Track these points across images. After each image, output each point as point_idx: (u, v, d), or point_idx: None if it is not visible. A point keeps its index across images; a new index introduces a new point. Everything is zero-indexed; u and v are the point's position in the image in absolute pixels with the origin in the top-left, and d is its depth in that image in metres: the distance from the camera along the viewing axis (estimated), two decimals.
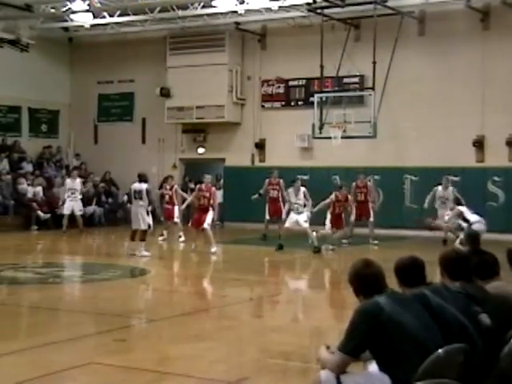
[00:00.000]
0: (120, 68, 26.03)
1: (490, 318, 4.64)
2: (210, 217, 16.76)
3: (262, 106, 24.21)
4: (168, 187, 19.47)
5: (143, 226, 15.81)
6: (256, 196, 19.30)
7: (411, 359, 4.05)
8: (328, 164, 22.29)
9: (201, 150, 25.37)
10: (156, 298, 11.75)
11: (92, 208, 23.86)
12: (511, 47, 20.20)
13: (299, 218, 16.99)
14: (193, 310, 10.34)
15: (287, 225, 17.23)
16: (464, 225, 16.14)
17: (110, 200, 25.08)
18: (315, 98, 21.09)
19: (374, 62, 20.08)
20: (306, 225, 16.97)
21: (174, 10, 22.75)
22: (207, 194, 16.94)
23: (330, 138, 20.49)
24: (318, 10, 20.97)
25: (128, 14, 23.31)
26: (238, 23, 23.44)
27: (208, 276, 14.48)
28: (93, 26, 24.30)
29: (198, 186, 17.72)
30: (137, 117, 26.35)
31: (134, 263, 14.93)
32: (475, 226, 15.93)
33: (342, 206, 17.56)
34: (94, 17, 23.46)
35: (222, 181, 24.52)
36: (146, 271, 14.01)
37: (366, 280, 4.38)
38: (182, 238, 18.99)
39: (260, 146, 24.24)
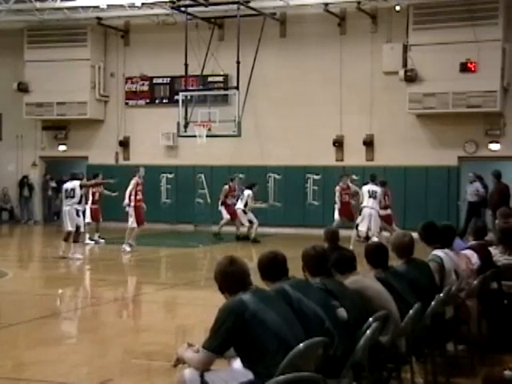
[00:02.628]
0: None
1: (347, 311, 4.81)
2: None
3: (126, 104, 23.85)
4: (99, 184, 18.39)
5: (70, 227, 15.26)
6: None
7: (274, 355, 4.12)
8: (193, 162, 22.30)
9: (62, 148, 24.64)
10: (12, 302, 11.15)
11: None
12: (365, 51, 21.03)
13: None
14: (53, 313, 10.02)
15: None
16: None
17: None
18: (180, 96, 21.05)
19: (238, 62, 20.30)
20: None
21: (31, 1, 21.88)
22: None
23: (195, 136, 20.52)
24: (182, 8, 20.94)
25: None
26: (99, 18, 22.93)
27: (70, 277, 14.07)
28: None
29: (135, 180, 16.91)
30: None
31: None
32: (365, 210, 16.40)
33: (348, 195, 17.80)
34: None
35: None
36: (3, 273, 13.38)
37: (230, 277, 4.41)
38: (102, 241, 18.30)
39: (124, 143, 23.87)
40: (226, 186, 19.43)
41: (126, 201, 16.58)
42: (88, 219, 18.03)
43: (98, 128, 24.19)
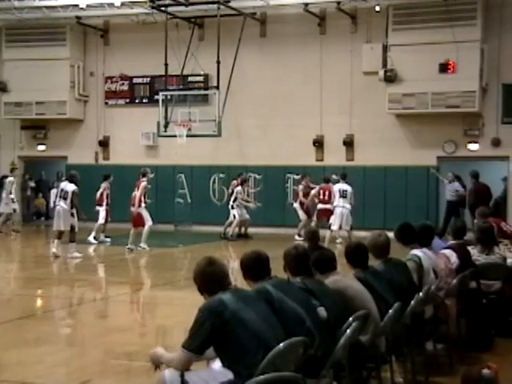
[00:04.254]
0: None
1: (327, 311, 4.82)
2: None
3: (106, 103, 23.73)
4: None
5: (63, 227, 15.20)
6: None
7: (254, 355, 4.13)
8: (173, 162, 22.24)
9: (41, 147, 24.48)
10: None
11: None
12: (345, 51, 21.06)
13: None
14: (32, 313, 9.95)
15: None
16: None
17: None
18: (160, 96, 21.00)
19: (218, 62, 20.28)
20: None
21: (9, 0, 21.72)
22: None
23: (175, 136, 20.48)
24: (162, 8, 20.89)
25: None
26: (79, 17, 22.79)
27: (49, 277, 13.98)
28: None
29: (145, 184, 17.10)
30: None
31: None
32: (336, 210, 16.85)
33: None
34: None
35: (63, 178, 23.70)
36: None
37: (209, 278, 4.41)
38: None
39: (104, 143, 23.75)
40: (234, 181, 19.88)
41: (136, 205, 16.74)
42: (102, 220, 18.29)
43: (78, 128, 24.06)
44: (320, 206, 18.66)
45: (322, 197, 18.67)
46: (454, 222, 8.29)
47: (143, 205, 16.81)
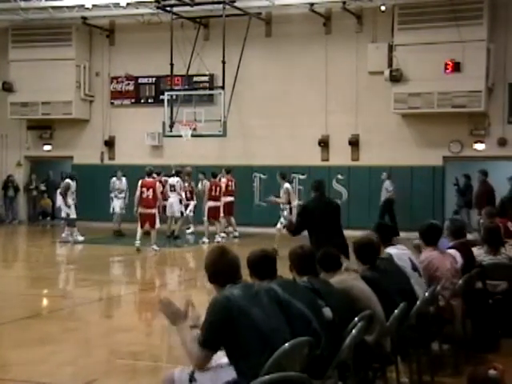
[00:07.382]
0: None
1: (333, 311, 4.81)
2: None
3: (112, 103, 23.76)
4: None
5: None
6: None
7: (259, 355, 4.09)
8: (178, 162, 22.20)
9: (47, 147, 24.52)
10: None
11: None
12: (350, 51, 21.04)
13: None
14: (37, 313, 9.97)
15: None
16: None
17: None
18: (165, 96, 21.01)
19: (224, 62, 20.28)
20: None
21: (16, 0, 21.76)
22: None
23: (180, 136, 20.49)
24: (167, 8, 20.91)
25: None
26: (85, 18, 22.83)
27: (54, 277, 13.99)
28: None
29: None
30: None
31: None
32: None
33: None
34: None
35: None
36: None
37: (220, 268, 4.35)
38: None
39: (109, 143, 23.79)
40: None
41: (158, 205, 17.26)
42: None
43: (84, 128, 24.09)
44: (210, 203, 18.59)
45: (213, 193, 18.62)
46: (451, 222, 8.21)
47: (158, 204, 17.01)
